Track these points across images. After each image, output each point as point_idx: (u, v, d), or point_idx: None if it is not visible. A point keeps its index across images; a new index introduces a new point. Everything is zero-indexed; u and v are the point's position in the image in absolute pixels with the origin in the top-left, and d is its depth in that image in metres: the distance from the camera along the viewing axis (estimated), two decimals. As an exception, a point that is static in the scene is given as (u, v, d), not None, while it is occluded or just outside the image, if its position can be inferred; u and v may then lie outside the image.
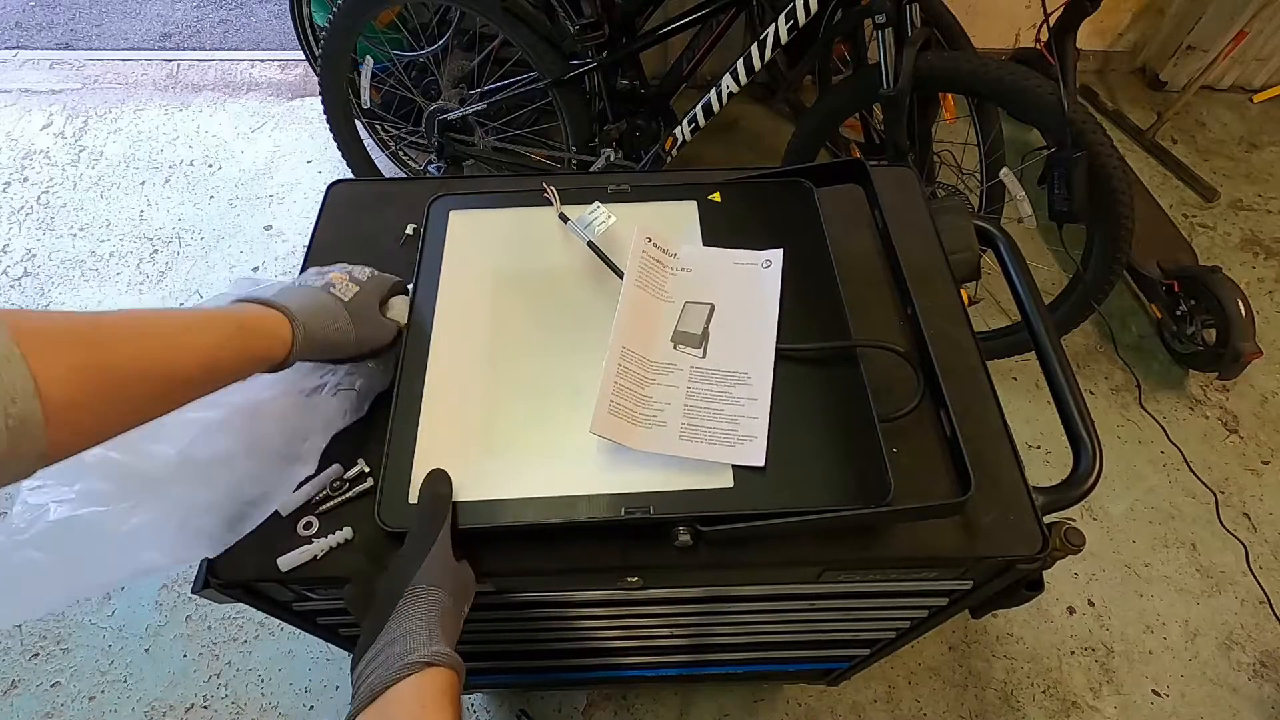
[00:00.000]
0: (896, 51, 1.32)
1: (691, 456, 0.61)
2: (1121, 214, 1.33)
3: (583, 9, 1.49)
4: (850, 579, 0.67)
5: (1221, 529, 1.52)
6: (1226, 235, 2.00)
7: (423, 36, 1.77)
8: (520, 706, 1.32)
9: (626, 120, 1.70)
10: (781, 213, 0.78)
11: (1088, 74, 2.35)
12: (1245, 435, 1.66)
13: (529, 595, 0.72)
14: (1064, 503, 0.66)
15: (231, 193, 2.08)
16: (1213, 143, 2.20)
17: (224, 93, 2.33)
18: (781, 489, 0.60)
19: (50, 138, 2.20)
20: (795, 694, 1.34)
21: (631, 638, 0.89)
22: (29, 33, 2.54)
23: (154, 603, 1.43)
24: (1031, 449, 1.62)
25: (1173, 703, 1.35)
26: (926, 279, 0.77)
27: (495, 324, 0.70)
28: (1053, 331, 0.75)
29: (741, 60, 1.45)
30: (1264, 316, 1.82)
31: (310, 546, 0.60)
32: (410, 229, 0.82)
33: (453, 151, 1.74)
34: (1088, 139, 1.28)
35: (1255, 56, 2.19)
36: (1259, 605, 1.44)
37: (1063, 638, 1.41)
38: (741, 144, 2.21)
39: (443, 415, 0.64)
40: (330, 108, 1.81)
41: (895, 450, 0.63)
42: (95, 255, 1.95)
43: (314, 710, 1.32)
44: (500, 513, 0.59)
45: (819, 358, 0.67)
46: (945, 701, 1.34)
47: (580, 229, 0.74)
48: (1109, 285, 1.44)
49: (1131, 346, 1.79)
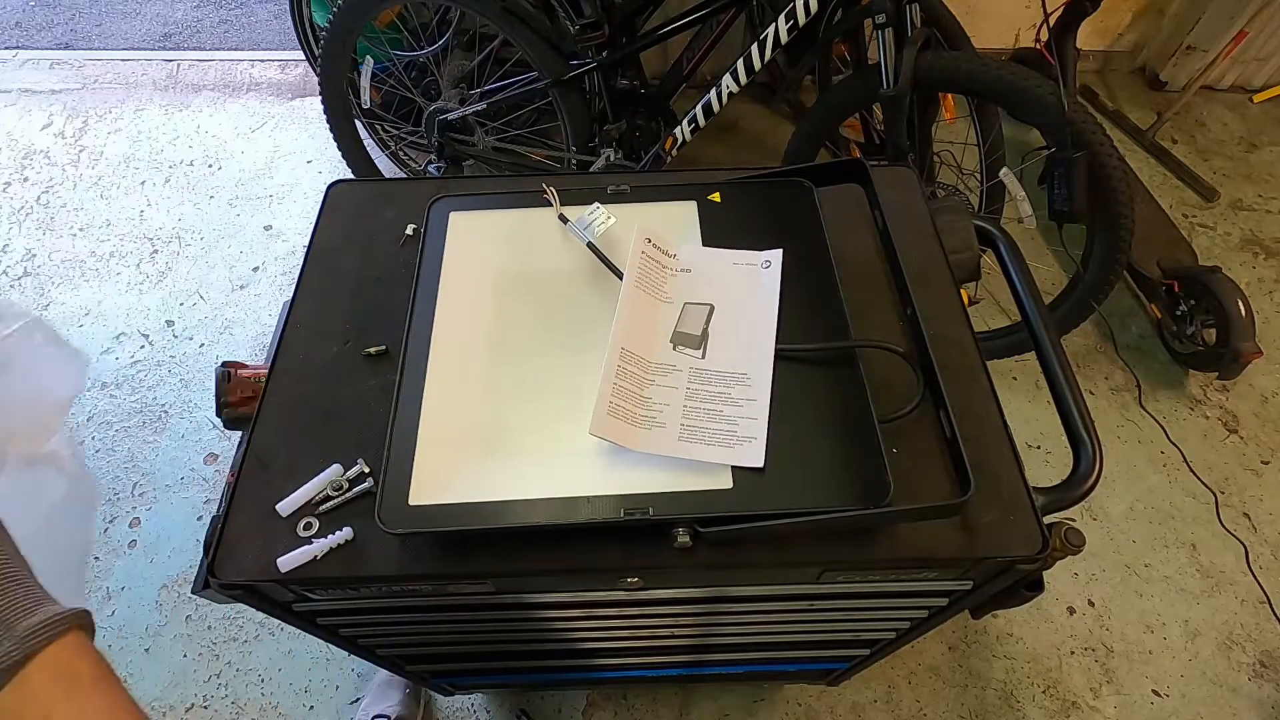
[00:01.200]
0: (896, 51, 1.32)
1: (690, 458, 0.61)
2: (1121, 214, 1.33)
3: (583, 9, 1.49)
4: (850, 579, 0.67)
5: (1221, 529, 1.52)
6: (1226, 235, 2.00)
7: (423, 36, 1.77)
8: (520, 706, 1.32)
9: (626, 120, 1.70)
10: (781, 213, 0.78)
11: (1088, 74, 2.35)
12: (1245, 435, 1.66)
13: (529, 596, 0.72)
14: (1064, 503, 0.66)
15: (232, 193, 2.08)
16: (1213, 143, 2.20)
17: (224, 93, 2.33)
18: (781, 490, 0.60)
19: (50, 138, 2.20)
20: (795, 694, 1.34)
21: (631, 638, 0.89)
22: (29, 33, 2.54)
23: (154, 603, 1.43)
24: (1031, 449, 1.62)
25: (1173, 703, 1.35)
26: (926, 279, 0.76)
27: (495, 325, 0.70)
28: (1053, 331, 0.75)
29: (741, 60, 1.45)
30: (1264, 316, 1.82)
31: (310, 547, 0.60)
32: (410, 229, 0.82)
33: (453, 151, 1.74)
34: (1088, 139, 1.28)
35: (1255, 56, 2.19)
36: (1259, 605, 1.44)
37: (1063, 638, 1.41)
38: (741, 144, 2.21)
39: (443, 416, 0.64)
40: (330, 108, 1.81)
41: (895, 450, 0.63)
42: (95, 255, 1.95)
43: (314, 710, 1.32)
44: (501, 514, 0.59)
45: (819, 358, 0.67)
46: (945, 701, 1.34)
47: (580, 230, 0.74)
48: (1109, 285, 1.44)
49: (1131, 346, 1.79)
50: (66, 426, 1.64)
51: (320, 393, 0.70)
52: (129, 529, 1.51)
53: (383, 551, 0.61)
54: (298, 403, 0.70)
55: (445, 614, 0.75)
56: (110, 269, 1.92)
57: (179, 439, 1.63)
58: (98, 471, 1.58)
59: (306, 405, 0.70)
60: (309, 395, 0.70)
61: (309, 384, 0.71)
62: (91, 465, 1.59)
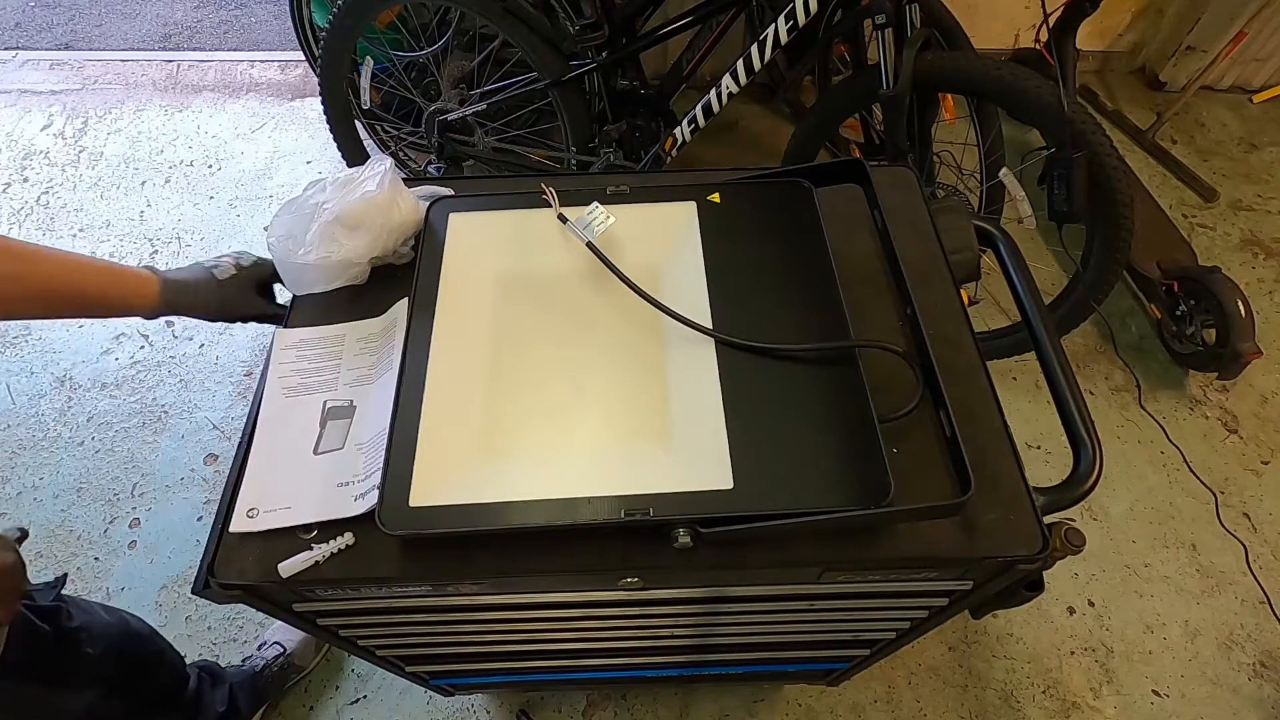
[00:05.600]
0: (896, 52, 1.32)
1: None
2: (1121, 214, 1.33)
3: (583, 9, 1.49)
4: (850, 579, 0.67)
5: (1221, 529, 1.52)
6: (1226, 235, 2.00)
7: (423, 37, 1.76)
8: (520, 706, 1.32)
9: (626, 121, 1.70)
10: (781, 213, 0.78)
11: (1088, 74, 2.35)
12: (1245, 435, 1.66)
13: (529, 596, 0.72)
14: (1064, 503, 0.66)
15: (231, 193, 2.08)
16: (1212, 143, 2.20)
17: (224, 93, 2.33)
18: (781, 490, 0.60)
19: (50, 138, 2.20)
20: (795, 694, 1.34)
21: (631, 638, 0.89)
22: (29, 33, 2.54)
23: (154, 603, 1.43)
24: (1031, 449, 1.62)
25: (1173, 703, 1.35)
26: (926, 279, 0.77)
27: (495, 325, 0.70)
28: (1053, 331, 0.75)
29: (741, 60, 1.45)
30: (1264, 316, 1.82)
31: (311, 553, 0.60)
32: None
33: (453, 152, 1.74)
34: (1087, 139, 1.28)
35: (1255, 57, 2.19)
36: (1259, 605, 1.44)
37: (1063, 638, 1.41)
38: (741, 144, 2.21)
39: (443, 417, 0.64)
40: (330, 108, 1.81)
41: (895, 450, 0.63)
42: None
43: (313, 710, 1.32)
44: (501, 515, 0.59)
45: (819, 358, 0.67)
46: (945, 702, 1.34)
47: (579, 230, 0.74)
48: (1109, 285, 1.44)
49: (1131, 346, 1.79)
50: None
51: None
52: (129, 529, 1.51)
53: (383, 552, 0.61)
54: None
55: (446, 614, 0.75)
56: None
57: (179, 439, 1.63)
58: (98, 472, 1.58)
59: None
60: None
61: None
62: (91, 465, 1.59)
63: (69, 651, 0.87)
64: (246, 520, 0.62)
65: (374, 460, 0.63)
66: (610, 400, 0.66)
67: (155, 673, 1.05)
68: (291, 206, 0.75)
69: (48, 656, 0.84)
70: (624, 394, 0.66)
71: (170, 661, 1.08)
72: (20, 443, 1.63)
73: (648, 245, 0.76)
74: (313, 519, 0.61)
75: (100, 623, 0.93)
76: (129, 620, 1.01)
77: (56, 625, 0.85)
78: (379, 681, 1.35)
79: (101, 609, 0.97)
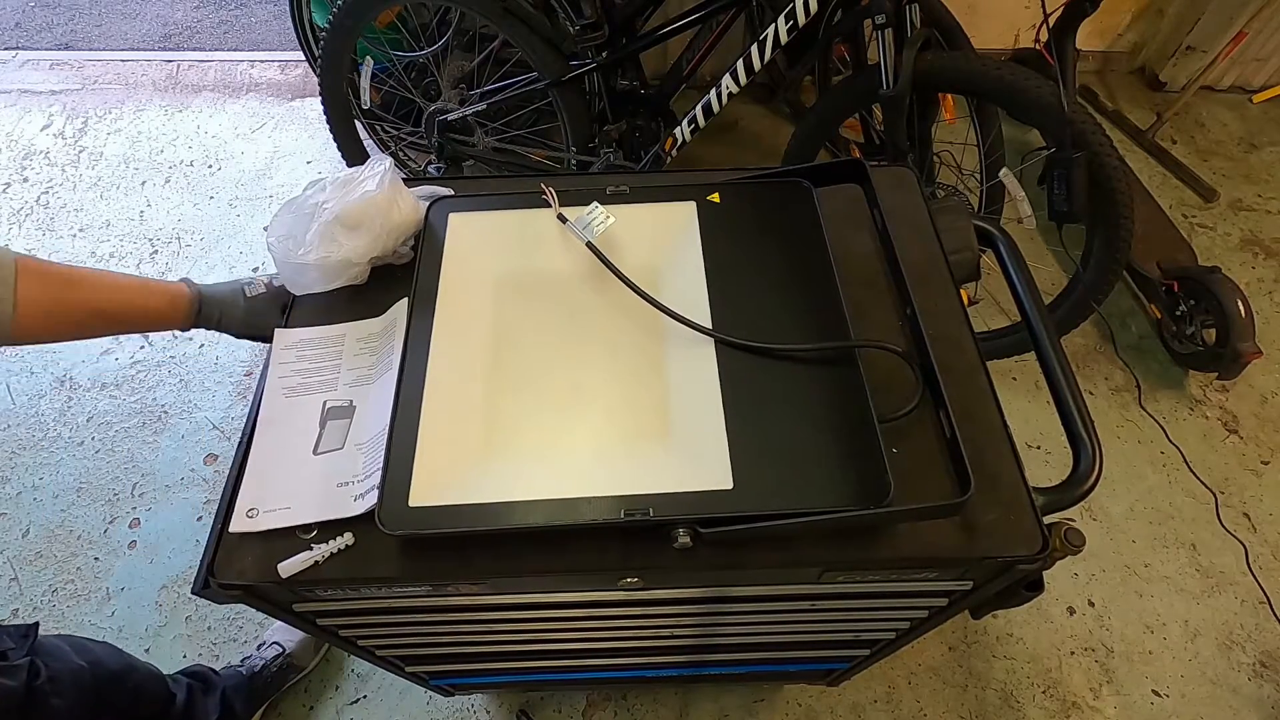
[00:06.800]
0: (896, 52, 1.32)
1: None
2: (1121, 214, 1.33)
3: (583, 9, 1.49)
4: (850, 579, 0.67)
5: (1221, 529, 1.52)
6: (1226, 235, 2.00)
7: (422, 37, 1.76)
8: (520, 706, 1.32)
9: (626, 121, 1.70)
10: (781, 213, 0.78)
11: (1087, 74, 2.35)
12: (1245, 435, 1.66)
13: (529, 596, 0.72)
14: (1064, 503, 0.66)
15: (231, 193, 2.08)
16: (1212, 143, 2.20)
17: (224, 93, 2.33)
18: (781, 490, 0.60)
19: (50, 138, 2.20)
20: (795, 694, 1.34)
21: (632, 638, 0.89)
22: (29, 33, 2.54)
23: (154, 603, 1.43)
24: (1031, 449, 1.62)
25: (1173, 703, 1.35)
26: (926, 279, 0.77)
27: (495, 325, 0.70)
28: (1053, 331, 0.75)
29: (741, 60, 1.45)
30: (1264, 316, 1.82)
31: (311, 553, 0.60)
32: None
33: (453, 152, 1.74)
34: (1087, 139, 1.28)
35: (1254, 57, 2.19)
36: (1259, 605, 1.44)
37: (1063, 638, 1.41)
38: (741, 144, 2.21)
39: (443, 417, 0.64)
40: (330, 108, 1.81)
41: (895, 450, 0.63)
42: (95, 255, 1.95)
43: (313, 710, 1.32)
44: (501, 515, 0.59)
45: (818, 358, 0.67)
46: (945, 702, 1.34)
47: (579, 230, 0.74)
48: (1109, 285, 1.44)
49: (1131, 346, 1.79)
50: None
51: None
52: (129, 529, 1.51)
53: (383, 552, 0.61)
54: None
55: (446, 614, 0.75)
56: (110, 269, 1.92)
57: (179, 439, 1.63)
58: (98, 471, 1.58)
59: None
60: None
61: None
62: (91, 465, 1.59)
63: (38, 706, 0.85)
64: (246, 520, 0.62)
65: (374, 460, 0.63)
66: (610, 400, 0.66)
67: (133, 709, 1.02)
68: (291, 206, 0.75)
69: (15, 716, 0.83)
70: (624, 394, 0.66)
71: (149, 692, 1.06)
72: (20, 443, 1.63)
73: (647, 245, 0.76)
74: (312, 519, 0.61)
75: (70, 670, 0.91)
76: (102, 659, 0.99)
77: (23, 681, 0.83)
78: (379, 681, 1.35)
79: (73, 651, 0.94)
